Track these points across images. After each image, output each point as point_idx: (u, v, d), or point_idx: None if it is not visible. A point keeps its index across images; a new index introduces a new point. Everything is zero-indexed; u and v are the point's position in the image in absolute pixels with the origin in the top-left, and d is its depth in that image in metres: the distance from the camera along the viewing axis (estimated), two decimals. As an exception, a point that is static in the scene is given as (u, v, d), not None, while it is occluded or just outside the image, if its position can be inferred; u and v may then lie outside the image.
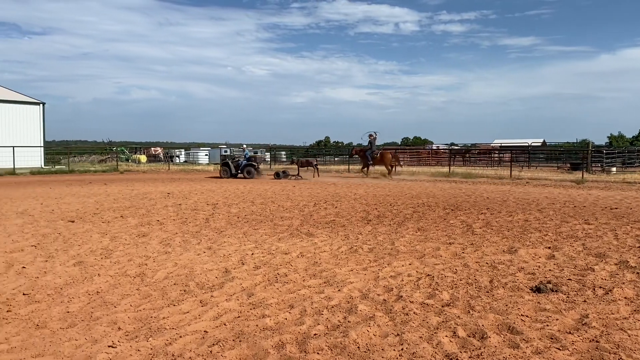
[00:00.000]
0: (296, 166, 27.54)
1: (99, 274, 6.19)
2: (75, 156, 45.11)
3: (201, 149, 61.54)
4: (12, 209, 12.30)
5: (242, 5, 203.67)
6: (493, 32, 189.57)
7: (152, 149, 53.00)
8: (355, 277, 5.96)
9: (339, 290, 5.43)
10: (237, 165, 26.18)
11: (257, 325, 4.40)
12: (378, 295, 5.26)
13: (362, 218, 10.82)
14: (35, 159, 33.93)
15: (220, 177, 26.00)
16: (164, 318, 4.62)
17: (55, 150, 41.72)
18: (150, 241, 8.26)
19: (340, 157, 49.22)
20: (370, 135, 27.10)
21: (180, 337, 4.16)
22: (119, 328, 4.38)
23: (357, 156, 29.93)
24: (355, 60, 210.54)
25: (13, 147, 29.96)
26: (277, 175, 25.05)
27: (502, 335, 4.14)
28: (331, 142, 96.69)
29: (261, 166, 27.69)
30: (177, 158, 54.73)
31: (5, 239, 8.45)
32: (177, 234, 8.89)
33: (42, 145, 36.47)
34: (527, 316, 4.61)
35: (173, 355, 3.83)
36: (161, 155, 49.76)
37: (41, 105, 37.32)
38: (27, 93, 39.71)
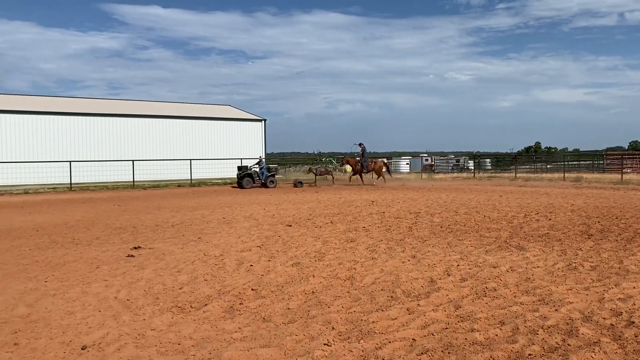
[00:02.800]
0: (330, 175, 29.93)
1: (313, 275, 6.69)
2: (290, 166, 49.51)
3: (402, 158, 62.33)
4: (241, 214, 14.01)
5: (445, 12, 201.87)
6: None
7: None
8: (575, 297, 5.42)
9: (556, 309, 5.00)
10: (258, 175, 27.49)
11: (465, 339, 4.29)
12: (604, 319, 4.71)
13: (581, 232, 9.80)
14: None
15: (243, 188, 26.61)
16: (373, 322, 4.80)
17: (273, 161, 46.37)
18: (358, 247, 8.65)
19: (552, 164, 45.30)
20: (361, 145, 28.83)
21: (389, 342, 4.27)
22: (333, 328, 4.68)
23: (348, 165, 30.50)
24: (570, 58, 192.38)
25: (240, 159, 34.13)
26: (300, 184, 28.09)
27: None
28: (542, 148, 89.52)
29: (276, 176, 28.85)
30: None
31: (236, 240, 9.67)
32: (382, 241, 9.15)
33: (263, 157, 40.84)
34: None
35: (383, 359, 3.96)
36: (365, 165, 51.60)
37: (263, 121, 41.89)
38: (251, 111, 45.07)
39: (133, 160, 30.39)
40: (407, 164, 54.97)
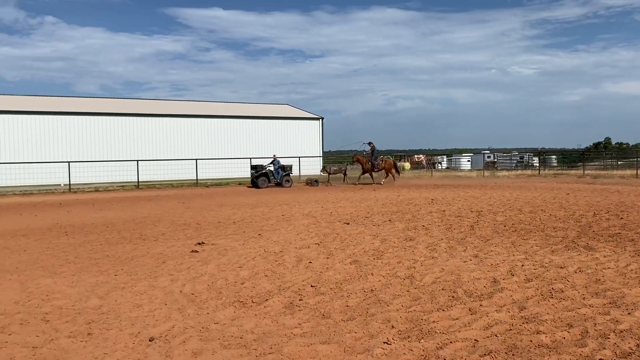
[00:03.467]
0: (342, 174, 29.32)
1: (372, 273, 6.67)
2: (348, 164, 49.56)
3: (463, 155, 60.98)
4: (299, 211, 14.16)
5: (507, 5, 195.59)
6: None
7: (416, 156, 54.66)
8: (650, 301, 5.13)
9: (629, 313, 4.75)
10: (273, 175, 26.92)
11: (531, 341, 4.15)
12: (683, 324, 4.43)
13: (656, 232, 9.24)
14: (315, 167, 38.38)
15: (258, 188, 25.99)
16: (433, 322, 4.73)
17: (331, 159, 46.56)
18: (417, 245, 8.54)
19: (624, 160, 42.98)
20: (370, 144, 28.08)
21: (451, 342, 4.19)
22: (393, 326, 4.65)
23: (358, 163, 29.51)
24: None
25: (299, 157, 34.47)
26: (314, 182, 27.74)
27: None
28: (612, 143, 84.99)
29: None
30: (439, 165, 55.39)
31: (295, 237, 9.78)
32: (442, 240, 8.99)
33: (321, 155, 41.10)
34: None
35: (444, 359, 3.89)
36: (424, 163, 50.98)
37: (320, 120, 42.12)
38: (309, 110, 45.43)
39: (196, 159, 31.34)
40: (469, 161, 53.75)
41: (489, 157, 48.77)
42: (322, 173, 30.09)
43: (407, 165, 48.51)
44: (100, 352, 4.33)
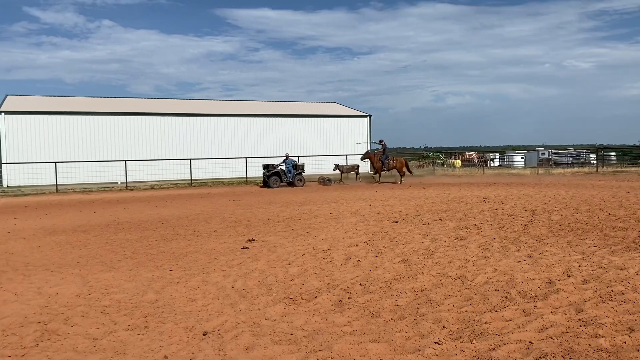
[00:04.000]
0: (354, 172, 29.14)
1: (422, 273, 6.60)
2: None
3: (516, 152, 59.30)
4: (347, 209, 14.17)
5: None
6: None
7: (467, 153, 53.65)
8: None
9: (697, 318, 4.50)
10: (285, 174, 26.50)
11: (589, 345, 4.01)
12: None
13: None
14: (363, 165, 38.25)
15: (270, 188, 25.41)
16: (486, 323, 4.63)
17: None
18: (469, 245, 8.38)
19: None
20: (381, 142, 27.87)
21: (504, 344, 4.10)
22: (444, 327, 4.59)
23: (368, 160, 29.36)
24: None
25: (346, 155, 34.46)
26: (326, 181, 27.18)
27: None
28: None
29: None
30: (491, 162, 54.08)
31: (343, 235, 9.79)
32: (494, 239, 8.79)
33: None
34: None
35: (497, 361, 3.82)
36: (475, 160, 49.92)
37: (368, 117, 41.95)
38: (357, 107, 45.33)
39: (246, 158, 31.88)
40: (522, 158, 52.22)
41: (543, 154, 47.25)
42: (334, 171, 29.60)
43: (457, 162, 47.69)
44: (157, 345, 4.49)
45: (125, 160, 29.06)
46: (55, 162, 27.74)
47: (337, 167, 29.40)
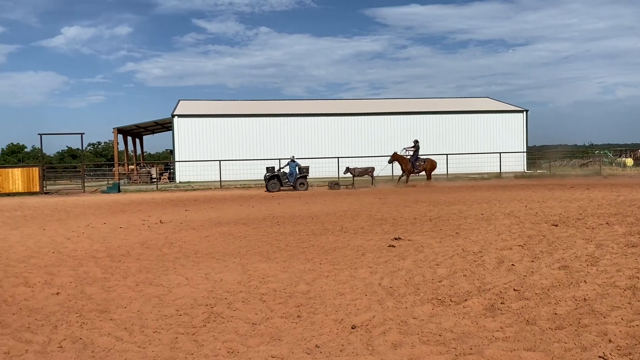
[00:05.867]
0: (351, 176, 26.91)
1: (585, 281, 6.06)
2: (555, 160, 45.56)
3: None
4: (500, 210, 13.48)
5: None
6: None
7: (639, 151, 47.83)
8: None
9: None
10: (287, 177, 25.31)
11: None
12: None
13: None
14: (518, 163, 36.09)
15: (269, 192, 24.01)
16: (663, 341, 4.12)
17: (536, 155, 43.28)
18: (642, 253, 7.49)
19: None
20: (416, 142, 26.63)
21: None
22: (610, 340, 4.18)
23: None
24: None
25: (499, 153, 32.80)
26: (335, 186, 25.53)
27: None
28: None
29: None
30: (671, 161, 47.56)
31: (496, 237, 9.35)
32: (675, 248, 7.74)
33: (524, 150, 38.48)
34: None
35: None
36: (651, 158, 44.29)
37: (524, 112, 39.43)
38: (511, 102, 42.84)
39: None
40: None
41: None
42: (345, 174, 27.34)
43: (629, 161, 42.75)
44: (309, 334, 4.72)
45: (279, 159, 30.84)
46: (220, 161, 30.42)
47: (348, 169, 27.03)
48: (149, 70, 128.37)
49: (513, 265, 7.07)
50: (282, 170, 25.93)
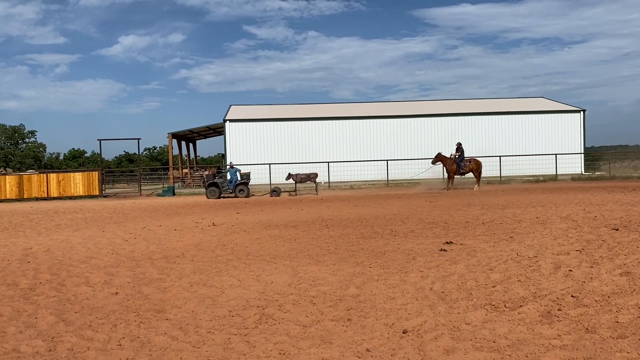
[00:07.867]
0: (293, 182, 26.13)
1: (649, 289, 5.78)
2: (615, 162, 43.57)
3: None
4: (556, 214, 13.03)
5: None
6: None
7: None
8: None
9: None
10: (225, 184, 25.05)
11: None
12: None
13: None
14: (575, 165, 34.78)
15: (207, 199, 23.65)
16: None
17: (594, 156, 41.53)
18: None
19: None
20: (459, 144, 25.87)
21: None
22: (678, 352, 3.97)
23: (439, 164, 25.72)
24: None
25: (555, 154, 31.71)
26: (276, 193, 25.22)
27: None
28: None
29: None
30: None
31: (552, 242, 9.04)
32: None
33: (582, 151, 37.03)
34: None
35: None
36: None
37: (581, 112, 37.95)
38: (567, 102, 41.32)
39: (443, 158, 31.41)
40: None
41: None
42: (286, 180, 26.35)
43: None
44: (359, 338, 4.72)
45: (328, 162, 30.93)
46: (270, 164, 30.82)
47: (290, 176, 26.23)
48: (202, 77, 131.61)
49: (571, 270, 6.82)
50: (224, 177, 26.44)
